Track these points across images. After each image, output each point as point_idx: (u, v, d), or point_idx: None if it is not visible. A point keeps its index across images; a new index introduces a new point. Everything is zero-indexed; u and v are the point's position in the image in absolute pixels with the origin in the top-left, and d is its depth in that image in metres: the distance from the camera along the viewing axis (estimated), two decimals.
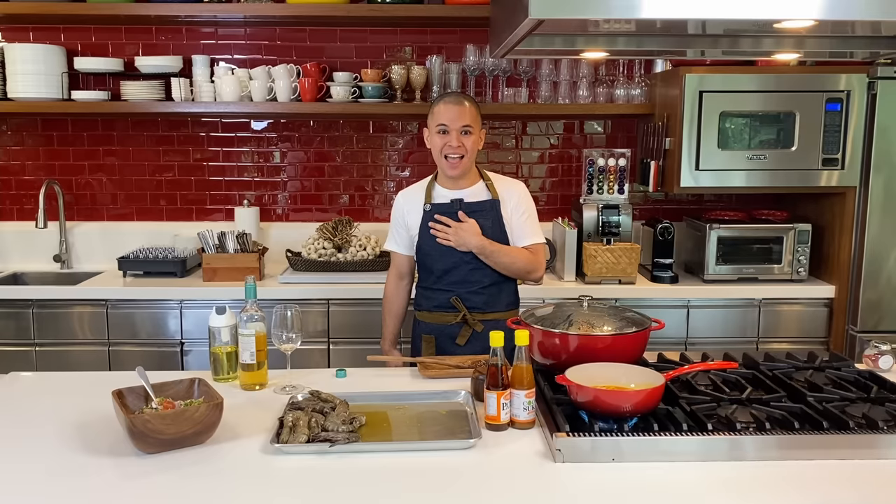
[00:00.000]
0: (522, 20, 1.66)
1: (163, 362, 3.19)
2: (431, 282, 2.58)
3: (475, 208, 2.52)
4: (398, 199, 2.67)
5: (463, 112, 2.45)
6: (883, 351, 2.19)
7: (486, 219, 2.50)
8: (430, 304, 2.59)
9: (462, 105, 2.47)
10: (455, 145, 2.45)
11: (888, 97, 3.13)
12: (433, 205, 2.54)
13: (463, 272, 2.52)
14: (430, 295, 2.58)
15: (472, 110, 2.48)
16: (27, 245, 3.70)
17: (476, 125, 2.49)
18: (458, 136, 2.45)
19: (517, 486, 1.52)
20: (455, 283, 2.53)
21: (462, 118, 2.45)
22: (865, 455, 1.62)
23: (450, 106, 2.46)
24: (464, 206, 2.51)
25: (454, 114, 2.45)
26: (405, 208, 2.61)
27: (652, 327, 2.02)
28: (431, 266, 2.56)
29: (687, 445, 1.62)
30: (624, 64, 3.61)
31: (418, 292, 2.67)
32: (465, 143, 2.46)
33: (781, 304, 3.30)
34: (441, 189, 2.57)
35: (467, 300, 2.52)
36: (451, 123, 2.45)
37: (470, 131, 2.46)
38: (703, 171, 3.23)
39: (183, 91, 3.49)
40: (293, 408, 1.80)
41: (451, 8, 3.39)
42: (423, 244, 2.57)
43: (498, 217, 2.53)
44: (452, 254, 2.50)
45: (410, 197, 2.62)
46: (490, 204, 2.54)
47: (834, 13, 1.64)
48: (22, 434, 1.77)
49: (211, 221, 3.74)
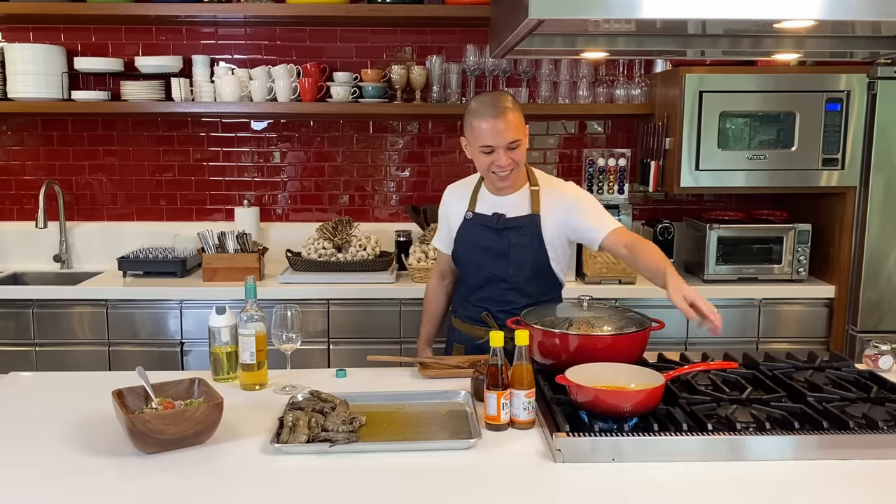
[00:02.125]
0: (522, 20, 1.66)
1: (163, 362, 3.19)
2: (466, 292, 2.47)
3: (514, 224, 2.33)
4: (445, 195, 2.51)
5: (507, 126, 2.18)
6: (883, 351, 2.19)
7: (523, 235, 2.32)
8: (464, 313, 2.48)
9: (505, 117, 2.18)
10: (504, 163, 2.22)
11: (888, 97, 3.13)
12: (475, 213, 2.38)
13: (497, 290, 2.37)
14: (464, 304, 2.48)
15: (516, 117, 2.21)
16: (27, 245, 3.70)
17: (523, 132, 2.24)
18: (505, 154, 2.21)
19: (517, 486, 1.52)
20: (487, 300, 2.39)
21: (508, 133, 2.18)
22: (865, 455, 1.62)
23: (492, 122, 2.18)
24: (503, 222, 2.33)
25: (499, 131, 2.18)
26: (450, 207, 2.47)
27: (652, 327, 2.02)
28: (465, 277, 2.46)
29: (687, 445, 1.61)
30: (624, 64, 3.61)
31: (457, 296, 2.56)
32: (514, 157, 2.23)
33: (781, 304, 3.30)
34: (486, 194, 2.39)
35: (499, 318, 2.34)
36: (496, 142, 2.20)
37: (518, 144, 2.23)
38: (703, 171, 3.23)
39: (183, 91, 3.49)
40: (293, 408, 1.80)
41: (451, 8, 3.38)
42: (459, 252, 2.43)
43: (537, 233, 2.32)
44: (487, 270, 2.37)
45: (456, 196, 2.47)
46: (530, 220, 2.33)
47: (834, 13, 1.64)
48: (22, 434, 1.77)
49: (211, 221, 3.74)
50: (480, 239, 2.37)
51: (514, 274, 2.35)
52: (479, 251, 2.37)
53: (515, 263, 2.34)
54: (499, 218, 2.34)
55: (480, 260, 2.37)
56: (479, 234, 2.37)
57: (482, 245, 2.36)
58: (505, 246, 2.34)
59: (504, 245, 2.34)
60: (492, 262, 2.36)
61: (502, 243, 2.34)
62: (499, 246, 2.34)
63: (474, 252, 2.38)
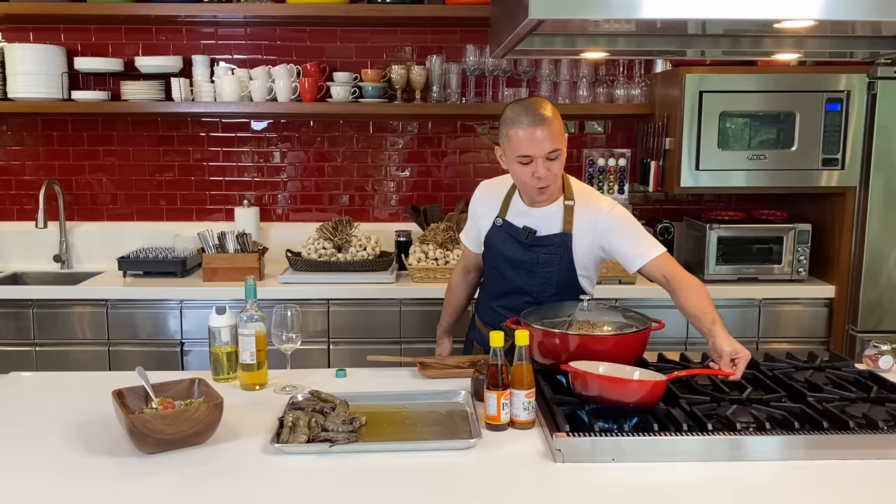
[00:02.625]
0: (522, 20, 1.66)
1: (163, 362, 3.19)
2: (488, 297, 2.41)
3: (544, 242, 2.22)
4: (478, 192, 2.41)
5: (546, 135, 2.05)
6: (883, 351, 2.19)
7: (553, 254, 2.22)
8: (485, 316, 2.41)
9: (544, 125, 2.05)
10: (542, 174, 2.09)
11: (888, 97, 3.13)
12: (505, 221, 2.28)
13: (519, 302, 2.27)
14: (487, 309, 2.41)
15: (556, 125, 2.07)
16: (27, 245, 3.70)
17: (562, 141, 2.10)
18: (544, 164, 2.08)
19: (517, 486, 1.52)
20: (508, 310, 2.27)
21: (547, 142, 2.05)
22: (865, 455, 1.62)
23: (530, 131, 2.05)
24: (532, 239, 2.22)
25: (538, 140, 2.05)
26: (480, 208, 2.36)
27: (652, 327, 2.02)
28: (488, 283, 2.40)
29: (687, 445, 1.61)
30: (624, 64, 3.61)
31: (481, 296, 2.48)
32: (553, 169, 2.10)
33: (781, 304, 3.30)
34: (518, 202, 2.27)
35: None
36: (534, 152, 2.07)
37: (558, 154, 2.09)
38: (703, 171, 3.23)
39: (183, 91, 3.49)
40: (293, 408, 1.80)
41: (451, 8, 3.39)
42: (487, 256, 2.36)
43: (567, 253, 2.21)
44: (512, 282, 2.29)
45: (489, 196, 2.35)
46: (560, 238, 2.21)
47: (834, 13, 1.64)
48: (22, 434, 1.77)
49: (211, 221, 3.74)
50: (507, 250, 2.28)
51: (540, 290, 2.27)
52: (505, 262, 2.30)
53: (542, 280, 2.26)
54: (528, 234, 2.24)
55: (506, 271, 2.30)
56: (506, 245, 2.29)
57: (508, 257, 2.28)
58: (532, 261, 2.25)
59: (532, 260, 2.25)
60: (517, 275, 2.28)
61: (530, 258, 2.25)
62: (526, 260, 2.26)
63: (500, 262, 2.31)
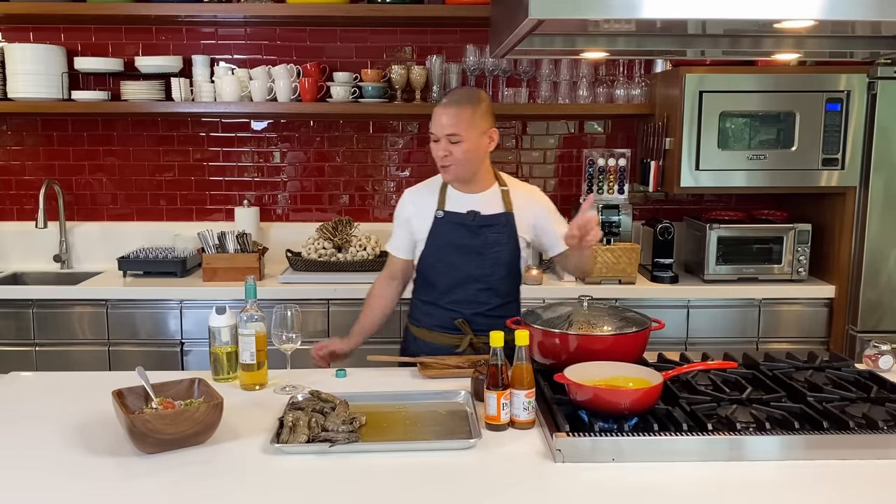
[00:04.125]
0: (522, 20, 1.66)
1: (163, 362, 3.19)
2: (434, 297, 2.39)
3: (490, 222, 2.33)
4: (405, 199, 2.46)
5: (450, 120, 2.22)
6: (883, 351, 2.19)
7: (500, 233, 2.32)
8: (430, 321, 2.40)
9: (452, 109, 2.23)
10: (441, 154, 2.25)
11: (888, 97, 3.13)
12: (446, 212, 2.35)
13: (471, 291, 2.33)
14: (432, 312, 2.39)
15: (464, 114, 2.22)
16: (27, 245, 3.70)
17: (468, 131, 2.23)
18: (444, 145, 2.24)
19: (517, 486, 1.52)
20: (461, 303, 2.34)
21: (449, 126, 2.22)
22: (865, 455, 1.62)
23: (440, 110, 2.25)
24: (479, 220, 2.32)
25: (442, 120, 2.23)
26: (412, 210, 2.41)
27: (652, 327, 2.02)
28: (436, 280, 2.37)
29: (687, 445, 1.61)
30: (624, 64, 3.61)
31: (416, 306, 2.46)
32: (454, 152, 2.23)
33: (781, 304, 3.30)
34: (454, 193, 2.36)
35: (473, 322, 2.33)
36: (438, 131, 2.24)
37: (458, 140, 2.22)
38: (703, 171, 3.23)
39: (183, 91, 3.49)
40: (293, 408, 1.80)
41: (451, 8, 3.39)
42: (429, 255, 2.37)
43: (512, 232, 2.34)
44: (461, 270, 2.33)
45: (419, 198, 2.42)
46: (504, 218, 2.33)
47: (834, 13, 1.64)
48: (22, 434, 1.77)
49: (211, 221, 3.74)
50: (456, 237, 2.33)
51: (490, 273, 2.33)
52: (454, 250, 2.34)
53: (492, 261, 2.33)
54: (475, 215, 2.33)
55: (455, 260, 2.34)
56: (452, 233, 2.34)
57: (457, 244, 2.33)
58: (481, 244, 2.33)
59: (480, 243, 2.33)
60: (467, 261, 2.33)
61: (478, 241, 2.33)
62: (475, 244, 2.33)
63: (448, 252, 2.34)
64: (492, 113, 2.32)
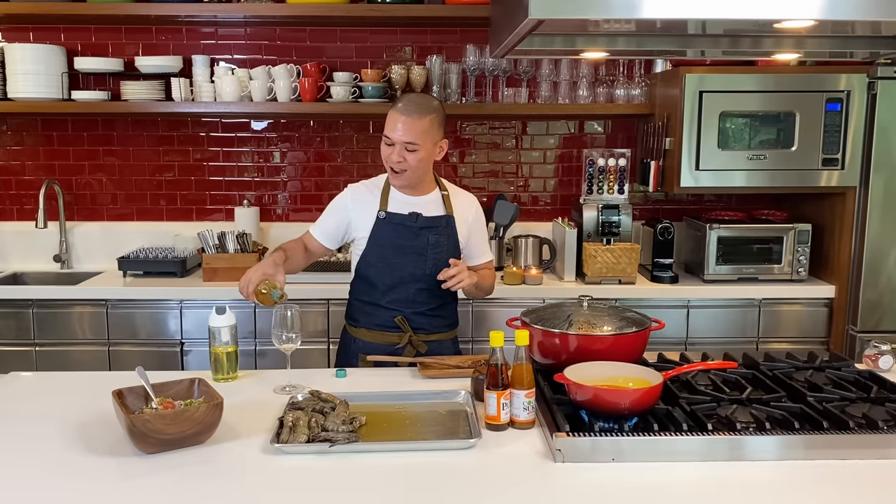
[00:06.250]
0: (522, 20, 1.66)
1: (163, 362, 3.19)
2: (375, 297, 2.39)
3: (432, 224, 2.38)
4: (347, 193, 2.44)
5: (408, 127, 2.24)
6: (883, 351, 2.19)
7: (441, 235, 2.38)
8: (370, 321, 2.40)
9: (410, 117, 2.24)
10: (395, 160, 2.27)
11: (888, 97, 3.13)
12: (388, 213, 2.37)
13: (410, 291, 2.37)
14: (372, 311, 2.40)
15: (423, 124, 2.25)
16: (27, 245, 3.70)
17: (425, 141, 2.26)
18: (400, 151, 2.26)
19: (517, 486, 1.52)
20: (400, 302, 2.37)
21: (406, 134, 2.24)
22: (865, 455, 1.62)
23: (398, 116, 2.25)
24: (421, 221, 2.36)
25: (400, 127, 2.24)
26: (353, 206, 2.41)
27: (652, 327, 2.02)
28: (376, 280, 2.38)
29: (687, 445, 1.61)
30: (624, 64, 3.61)
31: (355, 306, 2.45)
32: (408, 159, 2.26)
33: (781, 304, 3.30)
34: (397, 194, 2.39)
35: (412, 321, 2.37)
36: (394, 136, 2.25)
37: (415, 149, 2.25)
38: (703, 171, 3.23)
39: (183, 91, 3.49)
40: (293, 408, 1.80)
41: (451, 8, 3.39)
42: (370, 254, 2.38)
43: (453, 234, 2.41)
44: (402, 269, 2.36)
45: (362, 196, 2.42)
46: (445, 220, 2.40)
47: (834, 13, 1.64)
48: (22, 434, 1.77)
49: (211, 221, 3.74)
50: (398, 237, 2.37)
51: (431, 273, 2.35)
52: (396, 251, 2.37)
53: (433, 262, 2.36)
54: (417, 217, 2.37)
55: (396, 260, 2.37)
56: (394, 234, 2.37)
57: (399, 244, 2.37)
58: (423, 245, 2.37)
59: (422, 244, 2.37)
60: (408, 260, 2.37)
61: (420, 242, 2.37)
62: (417, 245, 2.37)
63: (390, 252, 2.37)
64: (445, 122, 2.36)
